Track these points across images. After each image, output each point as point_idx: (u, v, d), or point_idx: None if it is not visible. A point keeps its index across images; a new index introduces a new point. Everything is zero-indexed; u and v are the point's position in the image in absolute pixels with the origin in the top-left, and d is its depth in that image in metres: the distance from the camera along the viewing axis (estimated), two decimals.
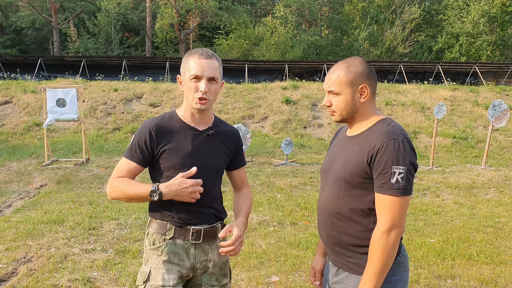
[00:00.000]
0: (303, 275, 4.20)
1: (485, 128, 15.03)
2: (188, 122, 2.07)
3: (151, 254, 2.06)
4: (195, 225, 2.06)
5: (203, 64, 1.95)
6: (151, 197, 1.92)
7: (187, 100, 2.04)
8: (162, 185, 1.93)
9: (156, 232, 2.05)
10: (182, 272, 2.05)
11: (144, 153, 2.01)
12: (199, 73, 1.95)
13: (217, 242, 2.14)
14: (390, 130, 1.72)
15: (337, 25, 37.07)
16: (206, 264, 2.11)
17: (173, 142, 2.02)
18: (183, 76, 2.03)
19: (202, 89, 1.94)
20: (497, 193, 7.95)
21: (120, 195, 1.97)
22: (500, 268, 4.48)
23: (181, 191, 1.92)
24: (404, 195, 1.66)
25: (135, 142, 2.01)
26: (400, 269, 1.80)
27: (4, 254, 4.54)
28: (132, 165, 2.01)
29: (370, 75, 1.83)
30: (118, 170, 2.03)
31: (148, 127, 2.00)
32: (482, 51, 30.71)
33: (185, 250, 2.05)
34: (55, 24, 31.24)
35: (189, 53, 2.02)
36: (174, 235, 2.04)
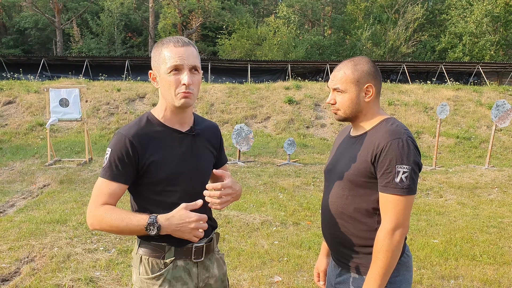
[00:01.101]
0: (306, 275, 4.20)
1: (488, 128, 14.99)
2: (170, 124, 1.79)
3: (150, 284, 1.76)
4: (196, 242, 1.78)
5: (181, 52, 1.66)
6: (147, 231, 1.60)
7: (166, 98, 1.73)
8: (161, 216, 1.62)
9: (153, 257, 1.76)
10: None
11: (126, 169, 1.68)
12: (178, 62, 1.65)
13: (215, 255, 1.95)
14: (394, 129, 1.71)
15: (340, 25, 37.06)
16: (208, 281, 1.89)
17: (157, 151, 1.73)
18: (157, 71, 1.73)
19: (186, 81, 1.66)
20: (501, 193, 7.92)
21: (106, 227, 1.64)
22: (503, 269, 4.46)
23: (183, 226, 1.62)
24: (408, 194, 1.65)
25: (113, 158, 1.67)
26: (404, 269, 1.80)
27: (7, 253, 4.55)
28: (114, 186, 1.67)
29: (375, 74, 1.83)
30: (98, 195, 1.68)
31: (127, 138, 1.69)
32: (485, 51, 30.62)
33: (187, 271, 1.80)
34: (58, 24, 31.31)
35: (160, 43, 1.73)
36: (175, 257, 1.77)
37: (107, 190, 1.68)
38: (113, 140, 1.71)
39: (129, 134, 1.70)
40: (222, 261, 2.00)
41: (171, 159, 1.75)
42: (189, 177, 1.78)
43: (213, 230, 1.95)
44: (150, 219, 1.60)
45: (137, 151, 1.69)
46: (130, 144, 1.68)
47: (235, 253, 4.70)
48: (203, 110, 15.66)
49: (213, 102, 16.32)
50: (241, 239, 5.19)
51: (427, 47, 34.07)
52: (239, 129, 10.43)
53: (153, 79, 1.79)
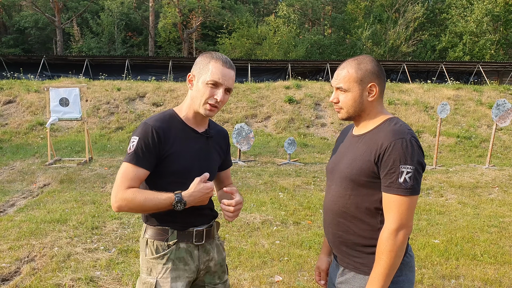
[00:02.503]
0: (306, 275, 4.19)
1: (488, 127, 14.98)
2: (190, 124, 1.99)
3: (155, 264, 1.94)
4: (197, 226, 2.00)
5: (225, 73, 1.88)
6: (174, 208, 1.81)
7: (195, 103, 1.93)
8: (185, 193, 1.83)
9: (157, 239, 1.94)
10: (189, 277, 1.98)
11: (152, 157, 1.85)
12: (220, 80, 1.87)
13: (215, 240, 2.13)
14: (398, 129, 1.70)
15: (340, 24, 37.03)
16: (209, 264, 2.06)
17: (176, 145, 1.91)
18: (197, 77, 1.92)
19: (219, 98, 1.88)
20: (501, 193, 7.92)
21: (135, 207, 1.81)
22: (504, 268, 4.46)
23: (203, 196, 1.87)
24: (412, 194, 1.65)
25: (140, 145, 1.83)
26: (407, 269, 1.79)
27: (7, 253, 4.55)
28: (139, 171, 1.83)
29: (379, 74, 1.82)
30: (125, 179, 1.82)
31: (154, 128, 1.86)
32: (485, 50, 30.60)
33: (189, 253, 1.98)
34: (58, 24, 31.30)
35: (210, 56, 1.91)
36: (178, 239, 1.95)
37: (132, 175, 1.83)
38: (140, 129, 1.88)
39: (155, 125, 1.87)
40: (222, 248, 2.18)
41: (186, 154, 1.94)
42: (198, 173, 1.92)
43: (214, 219, 2.13)
44: (177, 197, 1.80)
45: (161, 141, 1.87)
46: (156, 134, 1.85)
47: (235, 253, 4.70)
48: None
49: None
50: (241, 239, 5.19)
51: (427, 47, 34.06)
52: (240, 129, 10.42)
53: (190, 81, 1.97)
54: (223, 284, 2.14)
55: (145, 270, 1.97)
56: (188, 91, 2.02)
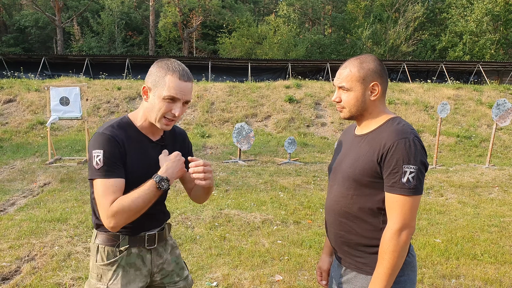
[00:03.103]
0: (307, 274, 4.19)
1: (489, 127, 14.97)
2: (145, 132, 1.92)
3: (105, 270, 1.90)
4: (149, 231, 1.96)
5: (183, 87, 1.79)
6: (160, 189, 1.75)
7: (150, 116, 1.85)
8: (161, 171, 1.78)
9: (108, 245, 1.89)
10: (141, 282, 1.95)
11: (121, 164, 1.79)
12: (178, 95, 1.78)
13: (168, 241, 2.12)
14: (401, 129, 1.70)
15: (340, 23, 37.03)
16: (163, 266, 2.04)
17: (132, 154, 1.85)
18: (153, 90, 1.81)
19: (177, 113, 1.81)
20: (501, 192, 7.92)
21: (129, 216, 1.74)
22: (504, 268, 4.46)
23: (178, 166, 1.83)
24: (415, 194, 1.64)
25: (107, 157, 1.75)
26: (409, 269, 1.79)
27: (8, 252, 4.55)
28: (118, 182, 1.77)
29: (382, 73, 1.81)
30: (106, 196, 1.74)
31: (113, 136, 1.79)
32: (485, 50, 30.61)
33: (141, 258, 1.96)
34: (59, 23, 31.29)
35: (166, 67, 1.80)
36: (129, 245, 1.91)
37: (113, 188, 1.75)
38: (99, 141, 1.78)
39: (113, 133, 1.80)
40: (175, 246, 2.16)
41: (141, 164, 1.87)
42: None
43: (165, 221, 2.11)
44: (156, 178, 1.75)
45: (122, 150, 1.81)
46: (116, 142, 1.79)
47: (236, 252, 4.70)
48: (203, 109, 15.65)
49: (214, 101, 16.31)
50: (241, 238, 5.19)
51: (427, 46, 34.06)
52: (240, 128, 10.42)
53: (145, 92, 1.86)
54: (184, 280, 2.13)
55: (95, 276, 1.93)
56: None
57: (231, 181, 8.20)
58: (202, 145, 12.25)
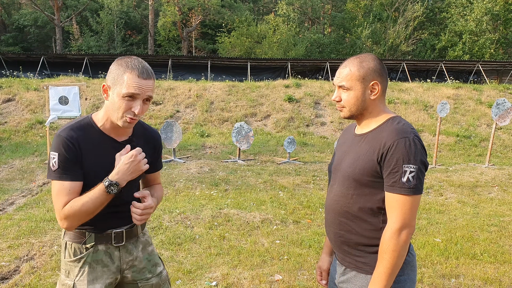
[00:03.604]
0: (306, 274, 4.19)
1: (488, 126, 14.98)
2: (108, 133, 1.90)
3: (72, 266, 1.93)
4: (115, 228, 1.96)
5: (142, 84, 1.76)
6: (109, 193, 1.76)
7: (112, 115, 1.83)
8: (111, 175, 1.78)
9: (75, 242, 1.92)
10: (109, 279, 1.96)
11: (77, 167, 1.79)
12: (137, 92, 1.76)
13: (140, 238, 2.10)
14: (401, 128, 1.69)
15: (340, 23, 37.01)
16: (133, 263, 2.04)
17: (94, 157, 1.84)
18: (112, 87, 1.79)
19: (137, 111, 1.78)
20: (501, 192, 7.92)
21: (79, 218, 1.76)
22: (504, 267, 4.46)
23: (132, 166, 1.80)
24: (415, 194, 1.64)
25: (62, 159, 1.76)
26: (409, 268, 1.78)
27: (7, 252, 4.54)
28: (73, 185, 1.78)
29: (382, 72, 1.80)
30: (59, 198, 1.77)
31: (68, 139, 1.78)
32: (485, 49, 30.62)
33: (109, 254, 1.96)
34: (58, 22, 31.24)
35: (125, 65, 1.78)
36: (95, 242, 1.92)
37: (66, 191, 1.78)
38: (56, 143, 1.79)
39: (69, 135, 1.80)
40: (148, 243, 2.14)
41: (104, 166, 1.84)
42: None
43: None
44: (106, 183, 1.75)
45: (79, 152, 1.80)
46: (72, 145, 1.78)
47: (235, 252, 4.69)
48: (202, 108, 15.64)
49: (213, 100, 16.30)
50: (241, 238, 5.18)
51: (427, 46, 34.07)
52: (239, 127, 10.41)
53: (105, 91, 1.84)
54: (157, 277, 2.11)
55: (64, 272, 1.97)
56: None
57: (231, 181, 8.20)
58: (202, 144, 12.24)
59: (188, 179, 8.19)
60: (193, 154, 11.19)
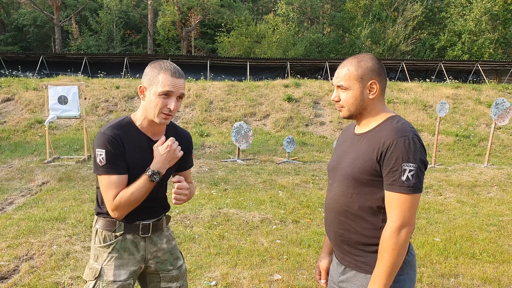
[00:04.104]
0: (306, 273, 4.19)
1: (487, 126, 14.99)
2: (145, 131, 2.08)
3: (102, 252, 2.08)
4: (143, 220, 2.12)
5: (176, 82, 1.96)
6: (153, 181, 1.96)
7: (149, 113, 2.01)
8: (152, 165, 1.98)
9: (106, 230, 2.08)
10: (134, 266, 2.11)
11: (123, 161, 1.98)
12: (171, 89, 1.95)
13: (164, 232, 2.25)
14: (400, 127, 1.70)
15: (339, 22, 37.00)
16: (157, 254, 2.19)
17: (133, 153, 2.02)
18: (148, 88, 1.99)
19: (172, 107, 1.96)
20: (500, 192, 7.93)
21: (128, 206, 1.97)
22: (503, 267, 4.47)
23: (169, 155, 2.00)
24: (414, 192, 1.64)
25: (109, 155, 1.95)
26: (409, 268, 1.78)
27: (6, 251, 4.54)
28: (119, 178, 1.97)
29: (380, 71, 1.81)
30: (109, 191, 1.97)
31: (113, 136, 1.97)
32: (484, 49, 30.62)
33: (135, 244, 2.11)
34: (57, 22, 31.21)
35: (159, 67, 1.98)
36: (124, 231, 2.08)
37: (115, 184, 1.96)
38: (101, 141, 1.96)
39: (114, 133, 1.98)
40: (171, 237, 2.30)
41: (141, 162, 2.02)
42: None
43: (164, 212, 2.27)
44: (148, 172, 1.96)
45: (122, 148, 1.98)
46: (116, 142, 1.96)
47: (234, 251, 4.70)
48: (202, 107, 15.64)
49: (212, 100, 16.30)
50: (240, 237, 5.19)
51: (426, 45, 34.07)
52: (238, 127, 10.41)
53: (141, 92, 2.04)
54: (177, 269, 2.26)
55: (93, 256, 2.11)
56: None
57: (230, 180, 8.20)
58: (201, 144, 12.24)
59: None
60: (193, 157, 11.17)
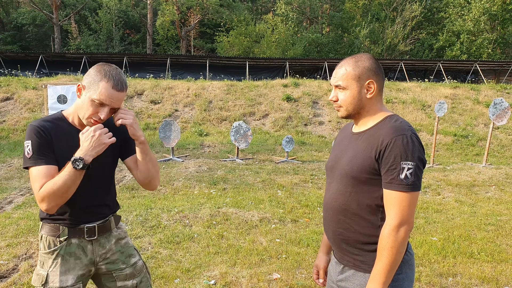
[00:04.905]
0: (304, 272, 4.21)
1: (486, 126, 15.02)
2: (77, 126, 2.02)
3: (47, 258, 2.04)
4: (88, 223, 2.06)
5: (114, 95, 1.89)
6: (76, 168, 1.82)
7: (79, 113, 1.95)
8: (76, 153, 1.86)
9: (50, 235, 2.03)
10: (81, 270, 2.06)
11: (50, 152, 1.90)
12: (106, 102, 1.88)
13: (113, 232, 2.18)
14: (398, 126, 1.71)
15: (338, 22, 37.00)
16: (106, 256, 2.13)
17: (64, 145, 1.95)
18: (86, 90, 1.90)
19: (102, 117, 1.90)
20: (498, 191, 7.95)
21: (55, 198, 1.84)
22: (501, 266, 4.48)
23: (93, 141, 1.86)
24: (413, 190, 1.65)
25: (35, 146, 1.88)
26: (407, 267, 1.79)
27: (5, 250, 4.55)
28: (46, 168, 1.88)
29: (377, 71, 1.82)
30: (36, 182, 1.86)
31: (40, 127, 1.90)
32: (483, 49, 30.65)
33: (82, 248, 2.06)
34: (56, 21, 31.17)
35: (103, 73, 1.89)
36: (68, 236, 2.03)
37: (42, 175, 1.87)
38: (28, 132, 1.91)
39: (40, 124, 1.92)
40: (121, 236, 2.23)
41: (69, 152, 1.91)
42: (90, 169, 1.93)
43: (112, 213, 2.19)
44: (72, 159, 1.82)
45: (49, 140, 1.91)
46: (43, 132, 1.90)
47: (233, 250, 4.71)
48: (201, 107, 15.65)
49: (212, 99, 16.30)
50: (239, 236, 5.20)
51: (425, 45, 34.09)
52: (238, 127, 10.43)
53: (79, 90, 1.96)
54: (131, 267, 2.20)
55: (39, 263, 2.07)
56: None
57: (229, 180, 8.21)
58: (200, 143, 12.25)
59: (187, 178, 8.20)
60: (191, 153, 11.20)
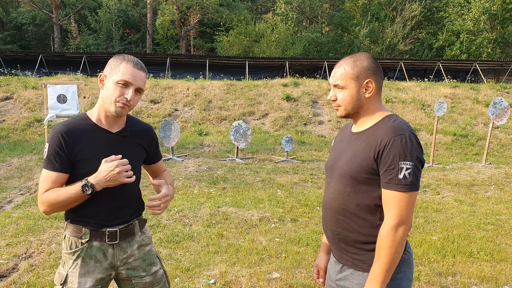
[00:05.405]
0: (304, 272, 4.21)
1: (485, 125, 15.03)
2: (101, 124, 2.03)
3: (68, 258, 2.05)
4: (110, 227, 2.05)
5: (136, 74, 1.96)
6: (84, 192, 1.86)
7: (105, 102, 1.98)
8: (91, 177, 1.88)
9: (73, 236, 2.04)
10: (101, 274, 2.05)
11: (63, 159, 1.92)
12: (130, 80, 1.94)
13: (136, 237, 2.17)
14: (397, 126, 1.71)
15: (338, 22, 37.00)
16: (127, 261, 2.12)
17: (86, 146, 1.96)
18: (108, 77, 1.97)
19: (128, 97, 1.94)
20: (497, 191, 7.95)
21: (54, 206, 1.90)
22: (500, 266, 4.49)
23: (110, 175, 1.88)
24: (411, 190, 1.65)
25: (51, 151, 1.92)
26: (406, 266, 1.80)
27: (5, 249, 4.55)
28: (55, 175, 1.92)
29: (376, 70, 1.82)
30: (43, 184, 1.93)
31: (60, 132, 1.92)
32: (482, 49, 30.65)
33: (102, 251, 2.05)
34: (56, 20, 31.15)
35: (121, 57, 1.98)
36: (90, 238, 2.03)
37: (49, 179, 1.93)
38: (50, 135, 1.95)
39: (61, 129, 1.94)
40: (144, 243, 2.21)
41: (97, 156, 1.95)
42: None
43: (137, 217, 2.19)
44: (83, 182, 1.87)
45: (69, 145, 1.93)
46: (62, 138, 1.92)
47: (233, 250, 4.71)
48: (201, 107, 15.64)
49: (211, 99, 16.30)
50: (239, 236, 5.20)
51: (424, 45, 34.11)
52: (237, 126, 10.43)
53: (101, 81, 2.01)
54: (151, 276, 2.19)
55: (62, 262, 2.09)
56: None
57: (229, 179, 8.21)
58: (200, 143, 12.25)
59: (187, 178, 8.21)
60: (191, 153, 11.20)
